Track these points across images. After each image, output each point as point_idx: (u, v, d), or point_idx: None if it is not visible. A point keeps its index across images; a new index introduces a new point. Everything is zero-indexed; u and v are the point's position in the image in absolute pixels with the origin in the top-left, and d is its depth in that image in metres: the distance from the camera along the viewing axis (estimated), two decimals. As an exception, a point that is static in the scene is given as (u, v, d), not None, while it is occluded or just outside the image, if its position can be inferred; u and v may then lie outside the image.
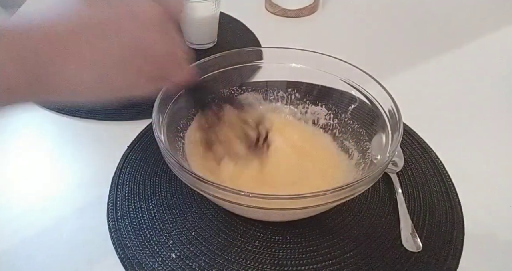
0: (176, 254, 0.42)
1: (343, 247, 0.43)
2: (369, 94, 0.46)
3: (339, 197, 0.36)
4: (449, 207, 0.46)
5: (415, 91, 0.65)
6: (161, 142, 0.39)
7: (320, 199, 0.35)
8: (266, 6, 0.84)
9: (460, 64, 0.71)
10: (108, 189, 0.48)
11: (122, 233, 0.43)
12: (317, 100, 0.52)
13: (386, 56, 0.73)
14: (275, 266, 0.41)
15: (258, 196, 0.34)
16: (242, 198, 0.35)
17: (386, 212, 0.46)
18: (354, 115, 0.49)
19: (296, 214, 0.41)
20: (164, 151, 0.38)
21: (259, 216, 0.43)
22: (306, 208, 0.36)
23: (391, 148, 0.40)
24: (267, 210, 0.36)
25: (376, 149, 0.45)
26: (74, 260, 0.42)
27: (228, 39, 0.74)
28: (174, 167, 0.38)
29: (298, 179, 0.46)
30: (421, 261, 0.41)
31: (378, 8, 0.87)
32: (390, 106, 0.43)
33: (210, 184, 0.35)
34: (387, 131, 0.43)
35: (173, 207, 0.46)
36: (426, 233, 0.44)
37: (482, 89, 0.65)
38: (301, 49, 0.49)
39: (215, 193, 0.36)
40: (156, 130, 0.40)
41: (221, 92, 0.51)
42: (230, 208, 0.42)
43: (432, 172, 0.50)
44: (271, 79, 0.53)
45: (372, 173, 0.37)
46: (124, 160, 0.51)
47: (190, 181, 0.37)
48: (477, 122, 0.59)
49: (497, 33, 0.79)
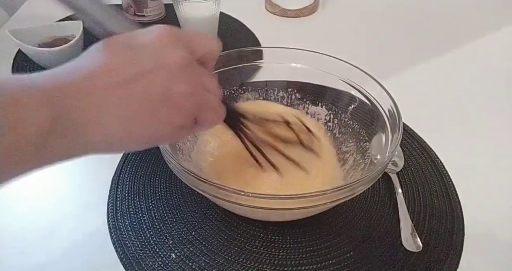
0: (176, 254, 0.42)
1: (343, 247, 0.43)
2: (369, 94, 0.46)
3: (338, 196, 0.36)
4: (449, 207, 0.46)
5: (415, 91, 0.65)
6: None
7: (319, 199, 0.35)
8: (266, 6, 0.84)
9: (460, 64, 0.71)
10: (108, 189, 0.48)
11: (122, 233, 0.43)
12: (317, 100, 0.52)
13: (386, 56, 0.73)
14: (275, 266, 0.41)
15: (258, 196, 0.34)
16: (242, 198, 0.35)
17: (386, 212, 0.46)
18: (354, 116, 0.49)
19: (296, 213, 0.41)
20: (164, 151, 0.38)
21: (259, 216, 0.43)
22: (306, 208, 0.36)
23: (391, 148, 0.40)
24: (267, 210, 0.36)
25: (376, 149, 0.45)
26: (74, 260, 0.42)
27: (228, 39, 0.74)
28: (174, 167, 0.38)
29: (296, 179, 0.46)
30: (421, 261, 0.41)
31: (378, 8, 0.87)
32: (390, 106, 0.43)
33: (210, 184, 0.35)
34: (387, 131, 0.43)
35: (173, 207, 0.46)
36: (426, 233, 0.44)
37: (482, 89, 0.66)
38: (301, 49, 0.49)
39: (215, 193, 0.36)
40: None
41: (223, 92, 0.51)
42: (230, 207, 0.42)
43: (432, 172, 0.50)
44: (271, 79, 0.53)
45: (371, 173, 0.37)
46: (124, 160, 0.51)
47: (189, 181, 0.37)
48: (477, 122, 0.59)
49: (497, 33, 0.79)
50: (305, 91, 0.53)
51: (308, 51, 0.49)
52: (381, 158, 0.42)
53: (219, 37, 0.33)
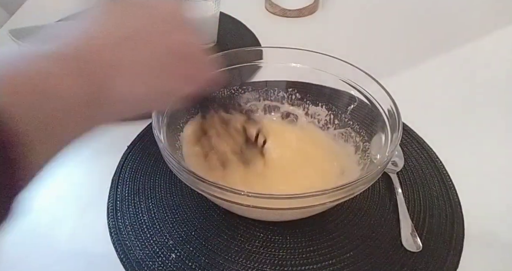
0: (176, 254, 0.42)
1: (343, 247, 0.43)
2: (369, 94, 0.46)
3: (338, 196, 0.36)
4: (449, 207, 0.46)
5: (415, 91, 0.65)
6: (160, 142, 0.39)
7: (319, 199, 0.35)
8: (266, 6, 0.84)
9: (460, 64, 0.71)
10: (108, 189, 0.48)
11: (122, 233, 0.43)
12: (317, 100, 0.52)
13: (386, 56, 0.73)
14: (275, 266, 0.41)
15: (257, 195, 0.34)
16: (241, 198, 0.35)
17: (386, 212, 0.46)
18: (354, 116, 0.49)
19: (295, 213, 0.41)
20: (164, 151, 0.38)
21: (258, 215, 0.43)
22: (305, 208, 0.36)
23: (390, 148, 0.40)
24: (266, 210, 0.36)
25: (376, 148, 0.45)
26: (74, 260, 0.42)
27: (228, 39, 0.74)
28: (174, 166, 0.38)
29: (298, 179, 0.46)
30: (421, 261, 0.41)
31: (378, 8, 0.87)
32: (390, 106, 0.43)
33: (209, 183, 0.35)
34: (387, 131, 0.43)
35: (173, 207, 0.46)
36: (426, 233, 0.44)
37: (482, 89, 0.65)
38: (301, 49, 0.49)
39: (215, 193, 0.36)
40: (156, 130, 0.40)
41: (221, 92, 0.51)
42: (229, 207, 0.42)
43: (432, 172, 0.50)
44: (271, 79, 0.53)
45: (371, 173, 0.37)
46: (124, 160, 0.51)
47: (189, 181, 0.37)
48: (477, 122, 0.59)
49: (497, 33, 0.79)
50: (305, 91, 0.53)
51: (308, 51, 0.49)
52: (380, 157, 0.42)
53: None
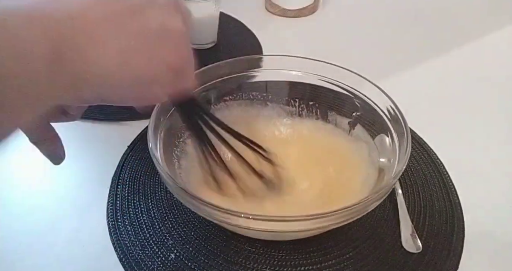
0: (175, 254, 0.42)
1: (343, 247, 0.42)
2: (369, 99, 0.46)
3: (349, 216, 0.35)
4: (449, 207, 0.46)
5: (415, 91, 0.65)
6: (157, 162, 0.38)
7: (314, 223, 0.34)
8: (266, 6, 0.84)
9: (460, 65, 0.71)
10: (108, 189, 0.48)
11: (122, 233, 0.43)
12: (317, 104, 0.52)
13: (386, 56, 0.73)
14: (274, 267, 0.41)
15: (257, 218, 0.33)
16: (240, 220, 0.34)
17: (386, 212, 0.46)
18: (357, 120, 0.49)
19: (300, 235, 0.41)
20: (158, 165, 0.38)
21: (270, 237, 0.42)
22: (313, 230, 0.36)
23: (401, 156, 0.39)
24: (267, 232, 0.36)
25: (380, 152, 0.45)
26: (74, 260, 0.42)
27: (228, 39, 0.73)
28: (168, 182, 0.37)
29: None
30: (421, 262, 0.41)
31: (378, 8, 0.87)
32: (392, 109, 0.43)
33: (211, 207, 0.34)
34: (391, 134, 0.43)
35: (173, 207, 0.46)
36: (426, 234, 0.44)
37: (482, 89, 0.65)
38: (301, 57, 0.49)
39: (215, 216, 0.35)
40: (152, 149, 0.39)
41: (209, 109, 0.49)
42: (233, 229, 0.41)
43: (432, 173, 0.50)
44: (270, 79, 0.53)
45: (383, 188, 0.36)
46: (124, 160, 0.51)
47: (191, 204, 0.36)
48: (478, 123, 0.59)
49: (497, 33, 0.79)
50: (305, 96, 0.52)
51: (307, 59, 0.48)
52: (394, 170, 0.40)
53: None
